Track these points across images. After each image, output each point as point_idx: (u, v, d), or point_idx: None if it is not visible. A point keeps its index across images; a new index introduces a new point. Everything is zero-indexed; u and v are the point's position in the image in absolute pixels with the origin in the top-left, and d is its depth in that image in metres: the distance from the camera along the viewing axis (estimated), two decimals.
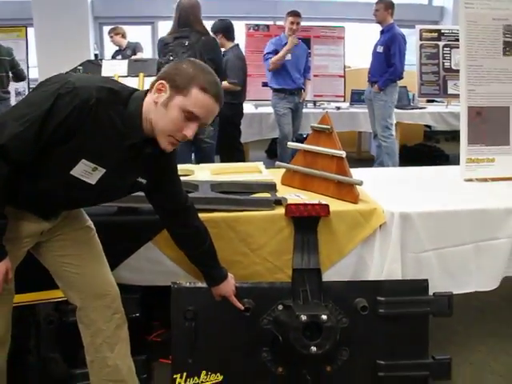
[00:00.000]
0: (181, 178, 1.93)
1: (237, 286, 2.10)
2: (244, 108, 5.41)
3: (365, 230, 2.26)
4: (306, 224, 2.20)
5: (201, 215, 2.01)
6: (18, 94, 6.14)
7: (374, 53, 5.68)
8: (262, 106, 6.31)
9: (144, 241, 2.18)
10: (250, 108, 6.27)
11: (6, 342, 1.76)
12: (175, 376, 2.12)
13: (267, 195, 2.41)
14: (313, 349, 1.98)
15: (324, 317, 1.99)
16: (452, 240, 2.32)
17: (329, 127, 2.44)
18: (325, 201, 2.28)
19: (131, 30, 7.87)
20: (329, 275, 2.26)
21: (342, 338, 2.09)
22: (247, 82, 5.28)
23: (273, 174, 2.73)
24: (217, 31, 5.06)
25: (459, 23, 2.81)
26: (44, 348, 2.15)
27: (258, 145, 6.94)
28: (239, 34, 6.50)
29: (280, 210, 2.23)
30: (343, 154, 2.37)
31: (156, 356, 2.43)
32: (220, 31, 5.06)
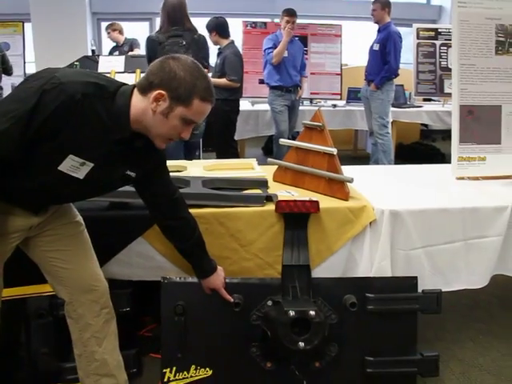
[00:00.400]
0: (173, 174, 1.94)
1: (226, 281, 2.11)
2: (240, 105, 5.41)
3: (355, 227, 2.27)
4: (296, 220, 2.21)
5: (191, 211, 2.01)
6: None
7: (371, 51, 5.72)
8: (259, 103, 6.31)
9: (135, 236, 2.19)
10: (247, 105, 6.28)
11: None
12: (165, 370, 2.13)
13: (258, 192, 2.42)
14: (301, 344, 1.99)
15: (312, 313, 2.00)
16: (442, 238, 2.33)
17: (320, 124, 2.45)
18: (316, 198, 2.29)
19: (129, 26, 7.87)
20: (319, 272, 2.27)
21: (331, 334, 2.10)
22: (244, 79, 5.30)
23: (266, 171, 2.74)
24: (211, 29, 5.06)
25: (452, 22, 2.81)
26: (33, 342, 2.15)
27: (255, 142, 6.95)
28: (236, 32, 6.52)
29: (271, 207, 2.24)
30: (334, 151, 2.38)
31: (147, 350, 2.44)
32: (214, 29, 5.06)
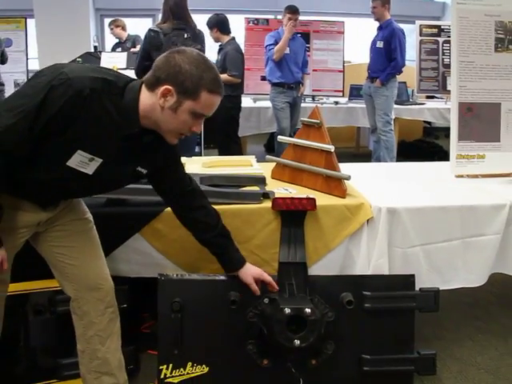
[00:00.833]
0: None
1: (222, 278, 2.12)
2: (242, 102, 5.43)
3: (352, 225, 2.27)
4: (293, 218, 2.21)
5: None
6: (17, 86, 6.15)
7: (374, 49, 5.69)
8: (261, 100, 6.30)
9: (132, 232, 2.19)
10: (249, 102, 6.27)
11: None
12: (161, 367, 2.13)
13: (256, 189, 2.42)
14: (296, 342, 1.99)
15: (308, 310, 2.00)
16: (440, 236, 2.33)
17: (318, 121, 2.44)
18: (313, 195, 2.29)
19: (132, 23, 7.86)
20: (316, 269, 2.27)
21: (328, 332, 2.11)
22: (246, 76, 5.31)
23: (265, 168, 2.73)
24: (212, 26, 5.17)
25: (451, 19, 2.80)
26: (32, 338, 2.16)
27: (257, 139, 6.95)
28: (239, 28, 6.52)
29: (268, 204, 2.24)
30: (332, 149, 2.37)
31: (144, 347, 2.45)
32: (215, 26, 5.16)
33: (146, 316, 2.67)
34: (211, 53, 6.25)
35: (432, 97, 7.25)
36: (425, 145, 7.44)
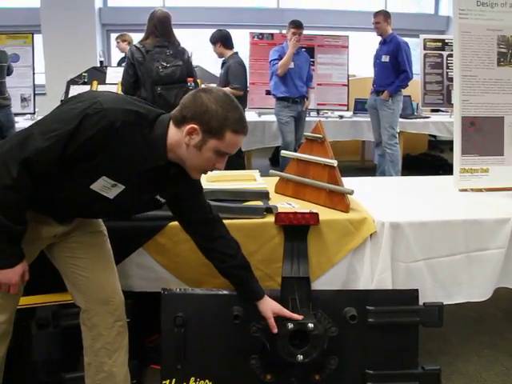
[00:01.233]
0: None
1: (225, 292, 2.12)
2: (247, 116, 5.41)
3: (355, 240, 2.26)
4: (296, 232, 2.21)
5: None
6: (24, 100, 6.20)
7: (378, 63, 5.71)
8: (266, 114, 6.32)
9: (135, 246, 2.20)
10: (254, 116, 6.30)
11: (9, 335, 1.79)
12: (164, 382, 2.13)
13: (259, 203, 2.42)
14: (299, 357, 1.98)
15: (311, 325, 1.99)
16: (443, 250, 2.32)
17: (321, 136, 2.45)
18: (316, 209, 2.29)
19: (137, 38, 7.90)
20: (319, 284, 2.27)
21: (331, 347, 2.10)
22: (251, 90, 5.35)
23: (268, 183, 2.74)
24: (216, 41, 5.26)
25: (453, 33, 2.81)
26: (35, 352, 2.16)
27: (262, 153, 6.96)
28: (243, 43, 6.57)
29: (271, 219, 2.24)
30: (335, 163, 2.38)
31: (148, 361, 2.44)
32: (218, 40, 5.25)
33: (152, 329, 2.65)
34: (215, 68, 6.32)
35: (437, 110, 7.26)
36: (430, 158, 7.43)
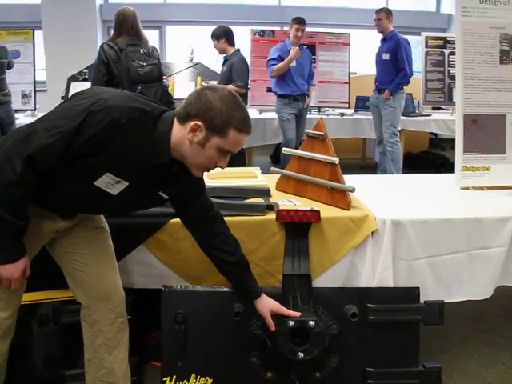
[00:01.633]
0: None
1: (225, 289, 2.11)
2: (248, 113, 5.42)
3: (356, 237, 2.26)
4: (297, 230, 2.21)
5: None
6: (25, 97, 6.19)
7: (380, 61, 5.71)
8: (266, 112, 6.31)
9: (136, 243, 2.20)
10: (254, 113, 6.28)
11: (11, 332, 1.80)
12: (165, 379, 2.13)
13: (260, 200, 2.42)
14: (300, 354, 1.98)
15: (312, 323, 1.99)
16: (444, 248, 2.32)
17: (322, 133, 2.45)
18: (317, 207, 2.28)
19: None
20: (320, 281, 2.27)
21: (332, 345, 2.10)
22: (252, 87, 5.34)
23: (270, 180, 2.74)
24: (219, 36, 5.23)
25: (455, 31, 2.81)
26: (36, 348, 2.16)
27: (263, 150, 6.95)
28: (245, 40, 6.55)
29: (272, 216, 2.24)
30: (336, 161, 2.38)
31: (148, 358, 2.44)
32: (223, 36, 5.22)
33: (153, 326, 2.65)
34: (215, 65, 6.31)
35: (438, 108, 7.25)
36: (431, 156, 7.43)
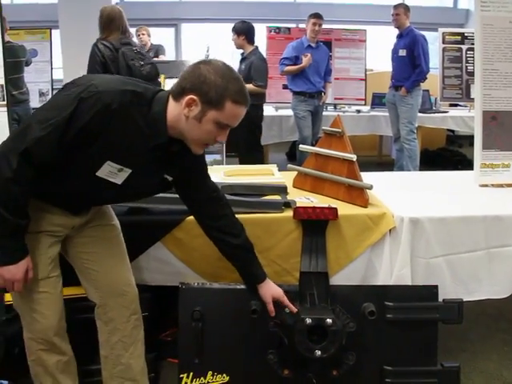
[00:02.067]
0: None
1: (242, 287, 2.11)
2: (264, 110, 5.42)
3: (374, 235, 2.24)
4: (315, 227, 2.20)
5: None
6: (42, 95, 6.26)
7: (396, 57, 5.67)
8: (282, 109, 6.31)
9: (153, 241, 2.20)
10: (271, 110, 6.27)
11: (63, 329, 1.82)
12: (182, 375, 2.13)
13: (277, 198, 2.41)
14: (317, 352, 1.98)
15: (329, 320, 1.99)
16: (463, 246, 2.29)
17: (340, 130, 2.43)
18: (335, 204, 2.27)
19: (154, 32, 7.93)
20: (337, 279, 2.26)
21: (349, 343, 2.09)
22: (268, 84, 5.32)
23: (286, 177, 2.73)
24: (240, 32, 5.10)
25: (475, 26, 2.77)
26: None
27: (279, 147, 6.94)
28: (260, 37, 6.54)
29: (289, 213, 2.23)
30: (354, 158, 2.36)
31: (165, 355, 2.45)
32: (243, 33, 5.11)
33: (170, 323, 2.65)
34: (231, 62, 6.29)
35: (455, 105, 7.19)
36: (448, 153, 7.36)
